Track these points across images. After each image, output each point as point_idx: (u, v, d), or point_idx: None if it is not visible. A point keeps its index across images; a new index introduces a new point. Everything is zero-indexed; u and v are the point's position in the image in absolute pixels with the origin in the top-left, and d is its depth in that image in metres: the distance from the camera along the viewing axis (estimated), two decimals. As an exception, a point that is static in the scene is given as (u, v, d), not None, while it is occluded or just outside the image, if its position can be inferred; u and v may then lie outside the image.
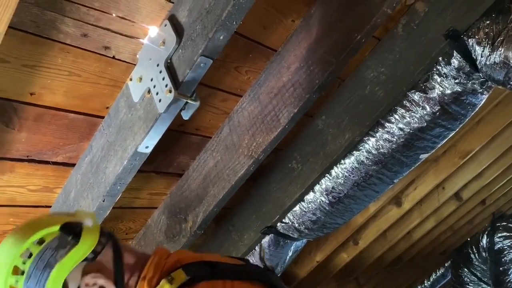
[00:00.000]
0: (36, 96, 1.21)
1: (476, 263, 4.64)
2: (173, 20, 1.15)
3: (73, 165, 1.45)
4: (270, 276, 0.99)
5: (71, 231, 0.92)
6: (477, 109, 1.72)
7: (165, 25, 1.16)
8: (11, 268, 0.88)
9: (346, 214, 2.01)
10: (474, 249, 4.57)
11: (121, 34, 1.17)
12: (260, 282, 0.93)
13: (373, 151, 1.75)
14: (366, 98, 1.68)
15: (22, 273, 0.88)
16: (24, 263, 0.88)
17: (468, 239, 4.67)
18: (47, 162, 1.39)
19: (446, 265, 4.92)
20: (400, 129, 1.71)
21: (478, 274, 4.64)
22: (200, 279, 0.88)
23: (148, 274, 0.93)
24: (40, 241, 0.90)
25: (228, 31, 1.07)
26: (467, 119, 1.74)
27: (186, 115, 1.32)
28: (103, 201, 1.32)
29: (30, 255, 0.89)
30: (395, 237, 3.42)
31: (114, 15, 1.14)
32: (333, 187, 1.85)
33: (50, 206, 1.52)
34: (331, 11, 1.36)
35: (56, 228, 0.92)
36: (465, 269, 4.69)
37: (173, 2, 1.18)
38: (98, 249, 0.93)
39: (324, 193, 1.88)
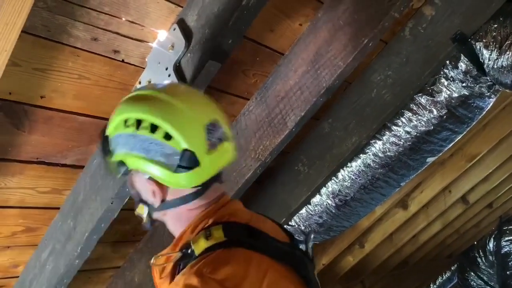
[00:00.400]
0: (46, 99, 1.23)
1: (483, 267, 4.61)
2: (182, 24, 1.16)
3: (82, 167, 1.46)
4: (308, 267, 0.94)
5: (188, 161, 0.86)
6: (484, 112, 1.72)
7: (174, 29, 1.17)
8: (137, 117, 0.88)
9: (352, 217, 2.02)
10: (481, 253, 4.54)
11: (130, 38, 1.18)
12: (295, 270, 0.89)
13: (380, 154, 1.76)
14: (373, 101, 1.68)
15: (134, 128, 0.88)
16: (144, 129, 0.87)
17: (475, 242, 4.63)
18: (56, 164, 1.40)
19: (452, 268, 4.89)
20: (407, 132, 1.71)
21: (485, 278, 4.61)
22: (238, 245, 0.85)
23: (195, 223, 0.91)
24: (167, 136, 0.87)
25: (236, 35, 1.09)
26: (474, 123, 1.74)
27: (194, 118, 1.33)
28: (112, 203, 1.33)
29: (156, 128, 0.87)
30: (401, 240, 3.41)
31: (123, 19, 1.15)
32: (339, 190, 1.86)
33: (58, 208, 1.53)
34: (338, 15, 1.37)
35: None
36: (472, 273, 4.66)
37: (182, 7, 1.19)
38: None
39: (331, 196, 1.89)
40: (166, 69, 1.17)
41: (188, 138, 0.87)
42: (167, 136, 0.87)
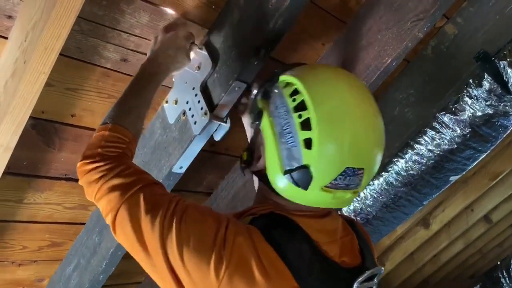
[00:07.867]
0: (76, 118, 1.26)
1: (507, 288, 4.49)
2: (208, 45, 1.19)
3: (108, 183, 1.48)
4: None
5: (300, 179, 0.80)
6: (508, 131, 1.70)
7: (201, 50, 1.20)
8: (301, 92, 0.81)
9: (374, 236, 1.99)
10: (505, 273, 4.42)
11: (158, 59, 1.21)
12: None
13: (402, 173, 1.75)
14: (395, 120, 1.68)
15: (290, 101, 0.82)
16: (296, 112, 0.80)
17: (498, 262, 4.52)
18: (83, 181, 1.43)
19: (474, 289, 4.78)
20: (430, 150, 1.70)
21: (509, 299, 4.49)
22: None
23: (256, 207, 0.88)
24: (308, 142, 0.78)
25: (263, 57, 1.10)
26: (498, 141, 1.73)
27: (217, 136, 1.35)
28: (137, 219, 1.35)
29: (307, 124, 0.79)
30: (422, 260, 3.36)
31: (152, 41, 1.18)
32: (361, 208, 1.85)
33: (84, 223, 1.56)
34: (361, 36, 1.38)
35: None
36: (495, 294, 4.54)
37: (208, 28, 1.22)
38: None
39: (352, 214, 1.88)
40: (193, 88, 1.19)
41: (323, 163, 0.78)
42: (308, 142, 0.78)
